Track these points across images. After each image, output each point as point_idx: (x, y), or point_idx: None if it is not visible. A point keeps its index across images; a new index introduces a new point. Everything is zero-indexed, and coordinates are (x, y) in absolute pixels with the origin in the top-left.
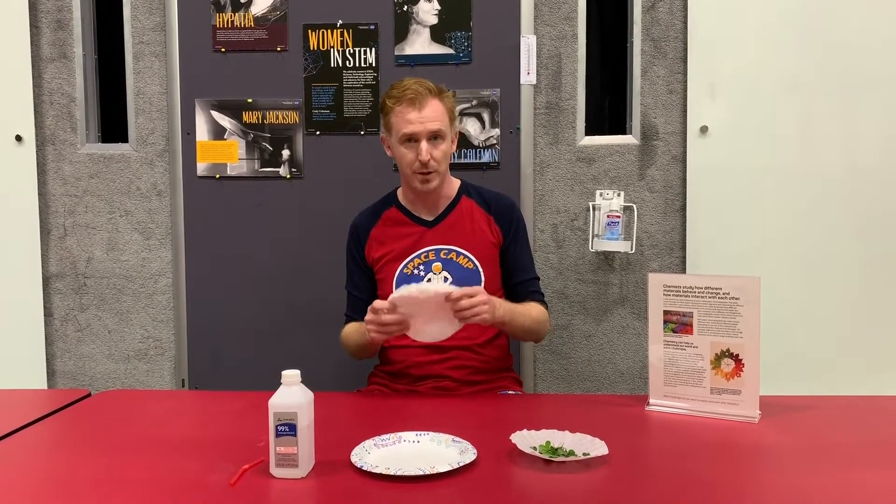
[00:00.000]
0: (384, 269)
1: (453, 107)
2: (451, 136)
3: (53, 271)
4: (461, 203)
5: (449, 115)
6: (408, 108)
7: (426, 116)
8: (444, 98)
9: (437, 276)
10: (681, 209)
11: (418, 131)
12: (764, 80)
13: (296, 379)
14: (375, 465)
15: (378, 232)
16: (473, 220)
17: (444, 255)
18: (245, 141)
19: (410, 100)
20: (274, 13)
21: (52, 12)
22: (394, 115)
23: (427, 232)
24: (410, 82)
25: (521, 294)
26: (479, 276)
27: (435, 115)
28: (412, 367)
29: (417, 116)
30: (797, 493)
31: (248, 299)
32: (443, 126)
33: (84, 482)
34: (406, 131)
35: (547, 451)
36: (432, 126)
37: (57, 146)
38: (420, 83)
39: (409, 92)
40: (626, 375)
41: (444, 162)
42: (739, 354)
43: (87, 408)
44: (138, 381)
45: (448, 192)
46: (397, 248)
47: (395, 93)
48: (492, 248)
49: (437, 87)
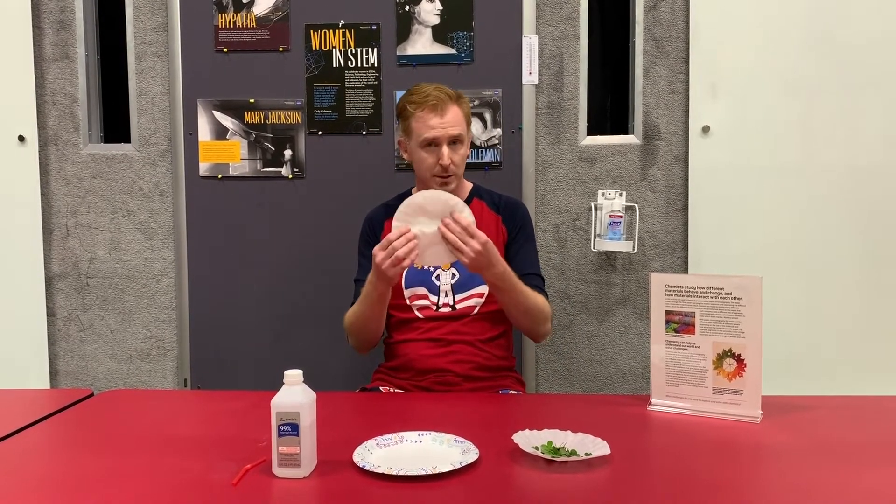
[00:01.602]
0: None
1: (469, 112)
2: (469, 140)
3: (56, 271)
4: (472, 205)
5: (467, 120)
6: (430, 113)
7: (448, 122)
8: (462, 103)
9: (446, 272)
10: (683, 209)
11: (440, 136)
12: (766, 79)
13: (298, 379)
14: (378, 464)
15: (392, 225)
16: (483, 222)
17: None
18: (247, 141)
19: (433, 106)
20: (276, 13)
21: (55, 13)
22: (415, 119)
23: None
24: (430, 88)
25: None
26: None
27: (456, 120)
28: (415, 361)
29: (439, 122)
30: (799, 492)
31: (250, 299)
32: (462, 131)
33: (87, 482)
34: (428, 136)
35: (549, 451)
36: (453, 131)
37: (59, 146)
38: (440, 89)
39: (430, 98)
40: (628, 375)
41: (462, 166)
42: (741, 354)
43: (90, 408)
44: (141, 381)
45: (460, 195)
46: None
47: (417, 98)
48: (499, 249)
49: (455, 92)
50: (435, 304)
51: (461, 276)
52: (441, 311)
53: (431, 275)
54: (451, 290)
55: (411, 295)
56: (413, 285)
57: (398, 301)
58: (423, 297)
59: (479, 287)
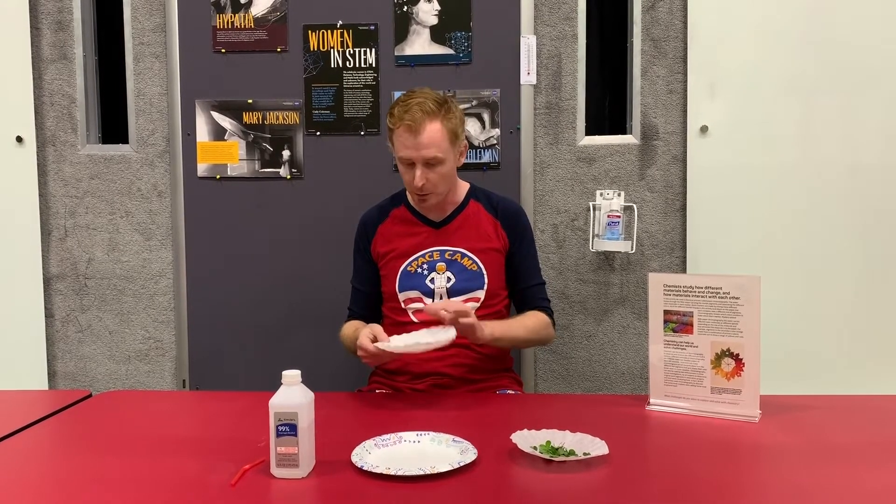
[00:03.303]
0: (388, 266)
1: (457, 124)
2: (454, 154)
3: (54, 272)
4: (469, 206)
5: (450, 136)
6: (405, 133)
7: (423, 143)
8: (446, 118)
9: (441, 275)
10: (681, 209)
11: (413, 157)
12: (764, 79)
13: (296, 379)
14: (376, 465)
15: (385, 228)
16: (480, 224)
17: (448, 256)
18: (245, 142)
19: (408, 126)
20: (274, 14)
21: (53, 13)
22: (394, 135)
23: (433, 233)
24: (414, 102)
25: (528, 299)
26: (482, 278)
27: (432, 140)
28: (412, 364)
29: (413, 143)
30: (797, 492)
31: (248, 300)
32: (439, 153)
33: (85, 482)
34: (401, 156)
35: (547, 451)
36: (427, 153)
37: (57, 147)
38: (422, 105)
39: (407, 117)
40: (627, 375)
41: (443, 183)
42: (740, 354)
43: (88, 408)
44: (139, 382)
45: (455, 198)
46: (402, 247)
47: (398, 112)
48: (496, 253)
49: (441, 104)
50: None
51: (456, 280)
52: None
53: (426, 278)
54: (447, 294)
55: (406, 298)
56: (407, 289)
57: (393, 304)
58: (417, 301)
59: (476, 291)
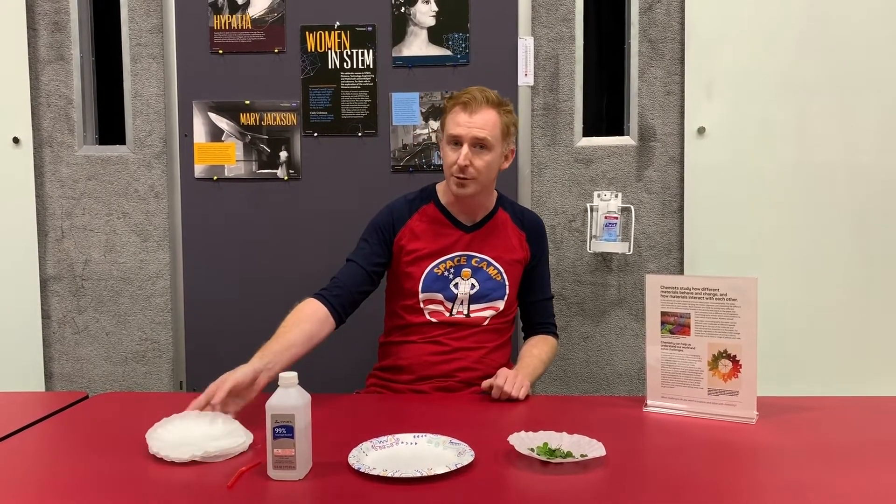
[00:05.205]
0: (413, 264)
1: (510, 122)
2: (502, 150)
3: (51, 273)
4: (498, 215)
5: (502, 129)
6: (460, 110)
7: (475, 122)
8: (501, 111)
9: (465, 281)
10: (678, 210)
11: (463, 134)
12: (761, 80)
13: (293, 381)
14: (373, 466)
15: (416, 224)
16: (507, 234)
17: (475, 263)
18: (242, 143)
19: (464, 103)
20: (271, 15)
21: (50, 14)
22: (448, 114)
23: (464, 236)
24: (474, 89)
25: (538, 313)
26: (504, 289)
27: (484, 123)
28: (418, 364)
29: (466, 120)
30: (795, 493)
31: (245, 301)
32: (490, 136)
33: (81, 484)
34: (452, 133)
35: (544, 453)
36: (478, 133)
37: (54, 148)
38: (482, 91)
39: (465, 95)
40: (624, 377)
41: (486, 172)
42: (737, 355)
43: (85, 410)
44: (136, 384)
45: (487, 203)
46: (432, 247)
47: (457, 94)
48: (518, 264)
49: (499, 98)
50: (448, 311)
51: (480, 288)
52: (454, 317)
53: (450, 282)
54: (469, 300)
55: (426, 299)
56: (431, 290)
57: (410, 302)
58: (437, 303)
59: (497, 301)
